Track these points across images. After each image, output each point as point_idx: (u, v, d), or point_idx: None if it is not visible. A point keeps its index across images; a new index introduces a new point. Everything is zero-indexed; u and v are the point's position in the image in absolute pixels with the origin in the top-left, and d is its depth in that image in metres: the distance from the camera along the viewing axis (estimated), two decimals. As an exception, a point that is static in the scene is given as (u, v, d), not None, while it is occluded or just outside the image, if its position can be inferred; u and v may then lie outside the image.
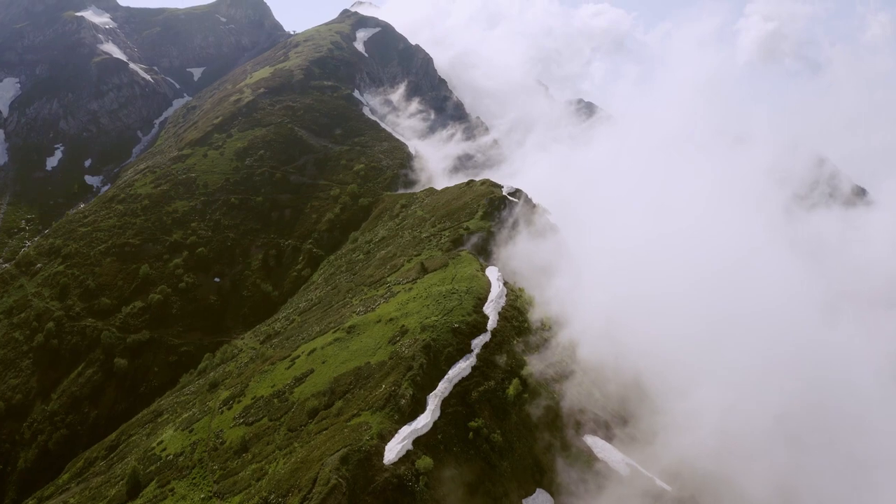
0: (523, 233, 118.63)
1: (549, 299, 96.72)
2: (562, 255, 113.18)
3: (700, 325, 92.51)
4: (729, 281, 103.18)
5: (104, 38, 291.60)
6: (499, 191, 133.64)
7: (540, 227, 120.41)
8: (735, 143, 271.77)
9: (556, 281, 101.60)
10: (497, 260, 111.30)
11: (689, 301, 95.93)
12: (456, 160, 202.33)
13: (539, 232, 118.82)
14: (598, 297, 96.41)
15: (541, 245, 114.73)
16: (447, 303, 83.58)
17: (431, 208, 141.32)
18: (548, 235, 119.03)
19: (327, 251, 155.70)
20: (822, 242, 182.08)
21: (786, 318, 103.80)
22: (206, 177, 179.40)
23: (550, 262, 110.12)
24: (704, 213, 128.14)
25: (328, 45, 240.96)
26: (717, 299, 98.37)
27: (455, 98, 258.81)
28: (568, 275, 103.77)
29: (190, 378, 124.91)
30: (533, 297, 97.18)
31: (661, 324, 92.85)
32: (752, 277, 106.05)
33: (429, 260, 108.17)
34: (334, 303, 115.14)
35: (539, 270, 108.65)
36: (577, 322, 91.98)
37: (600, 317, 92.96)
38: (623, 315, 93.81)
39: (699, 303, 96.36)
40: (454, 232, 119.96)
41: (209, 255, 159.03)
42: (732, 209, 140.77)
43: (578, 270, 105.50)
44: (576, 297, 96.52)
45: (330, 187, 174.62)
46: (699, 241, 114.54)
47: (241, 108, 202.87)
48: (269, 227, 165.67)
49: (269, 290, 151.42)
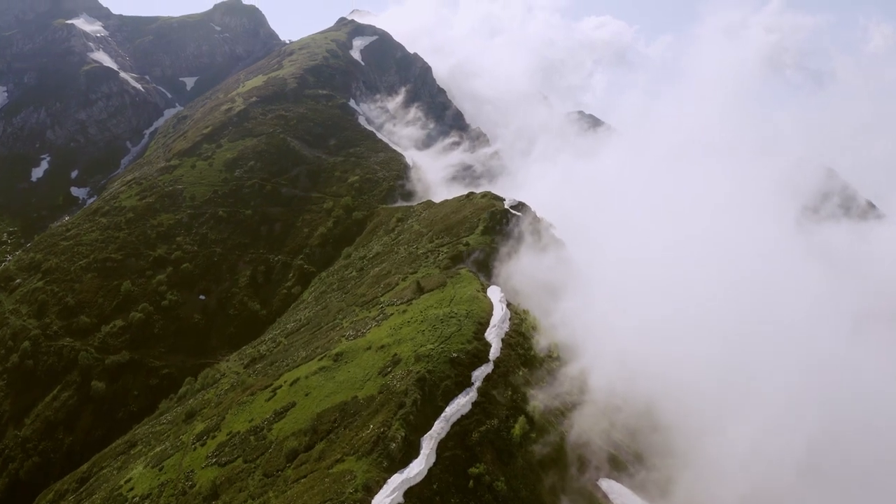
0: (527, 249, 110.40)
1: (556, 322, 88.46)
2: (569, 273, 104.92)
3: (720, 347, 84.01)
4: (749, 299, 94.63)
5: (95, 46, 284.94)
6: (501, 204, 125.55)
7: (545, 243, 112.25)
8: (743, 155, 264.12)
9: (564, 302, 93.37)
10: (499, 278, 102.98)
11: (707, 321, 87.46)
12: (455, 171, 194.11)
13: (544, 248, 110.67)
14: (610, 319, 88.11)
15: (546, 262, 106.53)
16: (445, 328, 75.18)
17: (429, 222, 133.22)
18: (554, 252, 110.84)
19: (319, 267, 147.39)
20: (837, 256, 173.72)
21: (810, 336, 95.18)
22: (193, 189, 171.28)
23: (557, 281, 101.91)
24: (718, 227, 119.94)
25: (323, 54, 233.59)
26: (738, 319, 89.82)
27: (454, 108, 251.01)
28: (576, 295, 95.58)
29: (169, 404, 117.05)
30: (538, 320, 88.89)
31: (679, 347, 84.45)
32: (772, 294, 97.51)
33: (425, 279, 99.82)
34: (323, 324, 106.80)
35: (545, 290, 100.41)
36: (588, 348, 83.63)
37: (612, 341, 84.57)
38: (637, 338, 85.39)
39: (718, 323, 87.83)
40: (453, 248, 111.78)
41: (194, 272, 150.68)
42: (746, 222, 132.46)
43: (588, 290, 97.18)
44: (586, 320, 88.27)
45: (323, 200, 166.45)
46: (715, 257, 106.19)
47: (232, 118, 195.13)
48: (258, 241, 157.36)
49: (257, 309, 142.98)
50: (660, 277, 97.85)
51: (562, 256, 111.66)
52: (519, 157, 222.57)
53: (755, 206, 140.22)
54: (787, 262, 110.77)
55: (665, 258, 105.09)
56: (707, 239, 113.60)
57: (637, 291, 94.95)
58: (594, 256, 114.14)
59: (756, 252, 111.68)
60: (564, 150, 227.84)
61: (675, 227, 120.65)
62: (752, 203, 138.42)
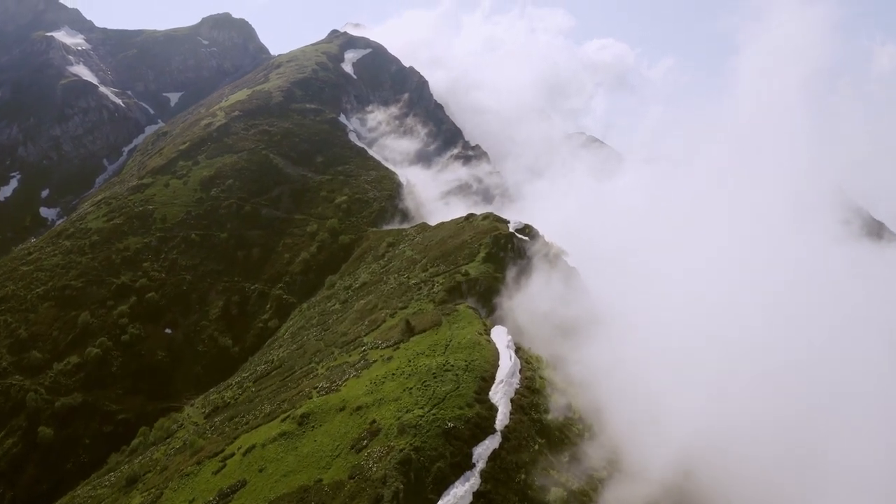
0: (537, 280, 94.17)
1: (576, 374, 71.96)
2: (588, 310, 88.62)
3: (788, 405, 67.32)
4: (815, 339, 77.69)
5: (75, 59, 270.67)
6: (505, 227, 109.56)
7: (557, 273, 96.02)
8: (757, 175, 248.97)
9: (584, 346, 76.91)
10: (505, 316, 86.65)
11: (764, 370, 70.77)
12: (453, 191, 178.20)
13: (557, 278, 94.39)
14: (643, 369, 71.67)
15: (560, 296, 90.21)
16: (438, 386, 58.65)
17: (423, 248, 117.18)
18: (568, 283, 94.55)
19: (300, 298, 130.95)
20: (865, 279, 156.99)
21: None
22: (165, 209, 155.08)
23: (574, 319, 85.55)
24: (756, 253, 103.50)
25: (312, 66, 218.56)
26: (805, 366, 72.92)
27: (453, 124, 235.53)
28: (598, 337, 79.12)
29: (119, 458, 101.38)
30: (554, 369, 72.53)
31: (732, 405, 67.90)
32: (841, 335, 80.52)
33: (417, 316, 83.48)
34: (297, 368, 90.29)
35: (559, 330, 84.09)
36: (617, 406, 67.12)
37: (647, 397, 68.14)
38: (677, 391, 68.92)
39: (780, 373, 71.08)
40: (450, 278, 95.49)
41: (160, 302, 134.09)
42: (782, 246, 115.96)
43: (612, 331, 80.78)
44: (612, 369, 71.78)
45: (307, 222, 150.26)
46: (764, 291, 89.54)
47: (212, 133, 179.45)
48: (233, 268, 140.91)
49: (229, 345, 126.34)
50: (698, 314, 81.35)
51: (577, 288, 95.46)
52: (522, 177, 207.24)
53: (787, 226, 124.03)
54: (847, 295, 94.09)
55: (701, 290, 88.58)
56: (747, 266, 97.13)
57: (671, 331, 78.46)
58: (615, 288, 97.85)
59: (807, 282, 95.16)
60: (570, 170, 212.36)
61: (704, 254, 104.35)
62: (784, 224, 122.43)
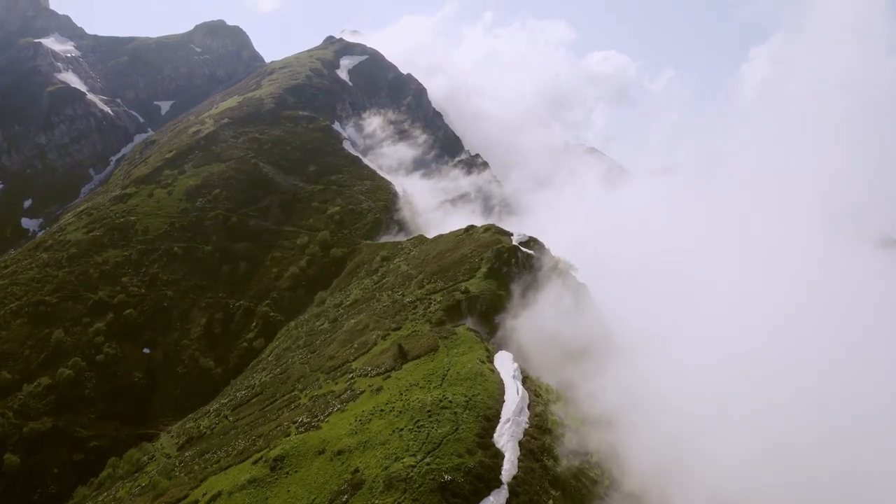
0: (544, 298, 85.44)
1: (590, 407, 63.13)
2: (601, 332, 80.00)
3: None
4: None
5: (63, 66, 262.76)
6: (508, 239, 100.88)
7: (566, 290, 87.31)
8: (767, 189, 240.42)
9: (599, 374, 68.13)
10: (509, 339, 77.89)
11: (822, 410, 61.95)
12: (452, 202, 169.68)
13: (566, 297, 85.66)
14: (667, 404, 62.91)
15: (570, 316, 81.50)
16: (434, 427, 49.86)
17: (420, 262, 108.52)
18: (579, 302, 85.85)
19: (287, 315, 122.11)
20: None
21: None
22: (147, 220, 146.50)
23: (586, 343, 76.89)
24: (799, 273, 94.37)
25: (306, 73, 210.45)
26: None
27: (452, 132, 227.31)
28: (614, 365, 70.37)
29: (87, 491, 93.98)
30: (566, 402, 63.75)
31: (771, 448, 59.07)
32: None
33: (411, 339, 74.76)
34: (278, 396, 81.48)
35: (569, 355, 75.40)
36: (639, 449, 58.26)
37: (671, 437, 59.33)
38: (707, 433, 60.14)
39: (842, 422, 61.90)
40: (448, 296, 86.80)
41: (139, 319, 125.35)
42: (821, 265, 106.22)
43: (630, 357, 72.03)
44: (633, 405, 62.98)
45: (297, 234, 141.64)
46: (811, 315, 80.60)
47: (199, 141, 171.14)
48: (217, 283, 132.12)
49: (210, 367, 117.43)
50: (731, 338, 72.52)
51: (589, 307, 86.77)
52: (524, 187, 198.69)
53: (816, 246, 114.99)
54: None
55: (733, 309, 79.76)
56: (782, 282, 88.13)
57: (699, 356, 69.69)
58: (631, 307, 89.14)
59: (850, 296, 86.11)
60: (574, 180, 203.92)
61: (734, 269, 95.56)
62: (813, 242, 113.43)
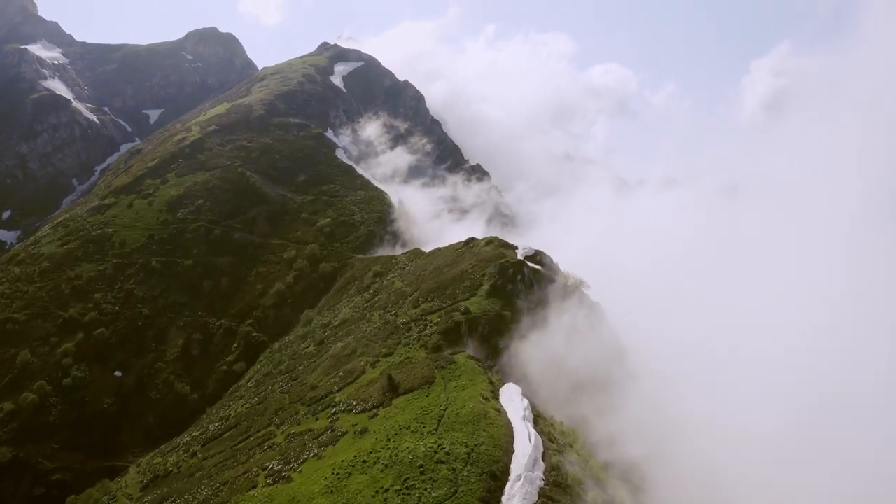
0: (553, 319, 75.93)
1: (613, 453, 53.47)
2: (618, 359, 70.41)
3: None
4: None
5: (50, 73, 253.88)
6: (512, 253, 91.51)
7: (579, 310, 77.80)
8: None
9: (619, 413, 58.47)
10: (514, 366, 68.30)
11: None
12: (450, 213, 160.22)
13: (579, 318, 76.17)
14: (700, 446, 53.30)
15: (583, 340, 71.96)
16: (427, 489, 40.14)
17: (415, 278, 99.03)
18: (592, 323, 76.33)
19: (271, 336, 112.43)
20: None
21: None
22: (125, 232, 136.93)
23: (602, 372, 67.38)
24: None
25: (298, 79, 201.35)
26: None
27: (451, 140, 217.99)
28: (635, 398, 60.79)
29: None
30: (583, 444, 54.13)
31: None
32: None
33: (403, 368, 65.22)
34: (252, 431, 71.84)
35: (583, 386, 65.88)
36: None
37: (708, 489, 49.71)
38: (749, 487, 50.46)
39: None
40: (446, 317, 77.29)
41: (111, 339, 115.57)
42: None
43: (653, 390, 62.39)
44: (659, 450, 53.32)
45: (284, 248, 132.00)
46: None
47: (184, 149, 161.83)
48: (197, 300, 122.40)
49: (187, 392, 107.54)
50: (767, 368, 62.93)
51: (604, 330, 77.22)
52: (527, 198, 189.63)
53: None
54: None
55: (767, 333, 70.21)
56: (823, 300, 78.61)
57: (733, 389, 60.09)
58: (650, 330, 79.53)
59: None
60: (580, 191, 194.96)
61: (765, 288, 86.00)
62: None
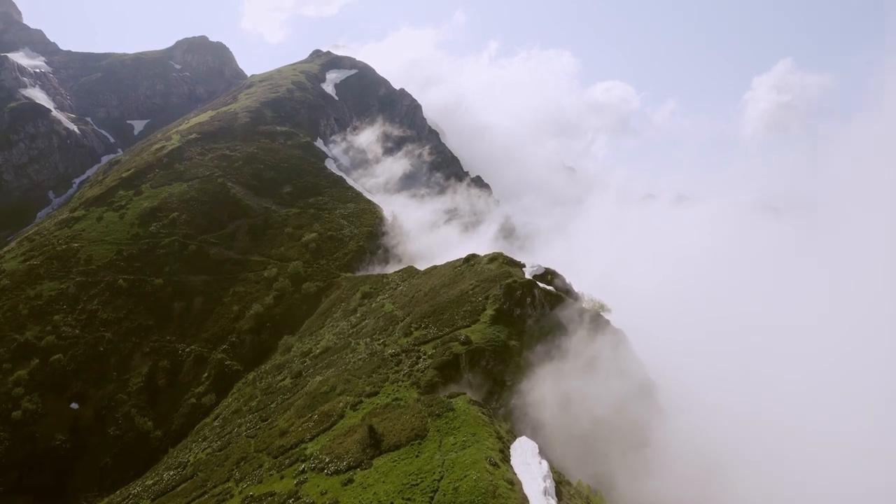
0: (571, 351, 63.61)
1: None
2: (651, 404, 58.04)
3: None
4: None
5: (31, 81, 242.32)
6: (519, 272, 79.33)
7: (602, 341, 65.47)
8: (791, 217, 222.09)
9: (659, 481, 46.09)
10: (528, 413, 55.93)
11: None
12: (448, 227, 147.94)
13: (601, 349, 63.84)
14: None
15: (607, 377, 59.65)
16: None
17: (408, 300, 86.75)
18: (617, 357, 63.96)
19: (246, 364, 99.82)
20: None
21: None
22: (92, 248, 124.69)
23: (632, 419, 55.04)
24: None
25: (288, 86, 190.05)
26: None
27: (449, 151, 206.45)
28: (679, 459, 48.40)
29: None
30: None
31: None
32: None
33: (389, 414, 52.84)
34: (209, 486, 59.22)
35: (609, 436, 53.56)
36: None
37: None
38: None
39: None
40: (443, 348, 64.95)
41: (68, 367, 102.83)
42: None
43: (696, 444, 50.06)
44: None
45: (265, 265, 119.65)
46: None
47: (162, 158, 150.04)
48: (166, 323, 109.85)
49: (149, 428, 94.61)
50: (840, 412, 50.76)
51: (632, 364, 64.86)
52: (531, 211, 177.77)
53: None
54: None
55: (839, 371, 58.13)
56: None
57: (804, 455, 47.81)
58: (685, 363, 67.15)
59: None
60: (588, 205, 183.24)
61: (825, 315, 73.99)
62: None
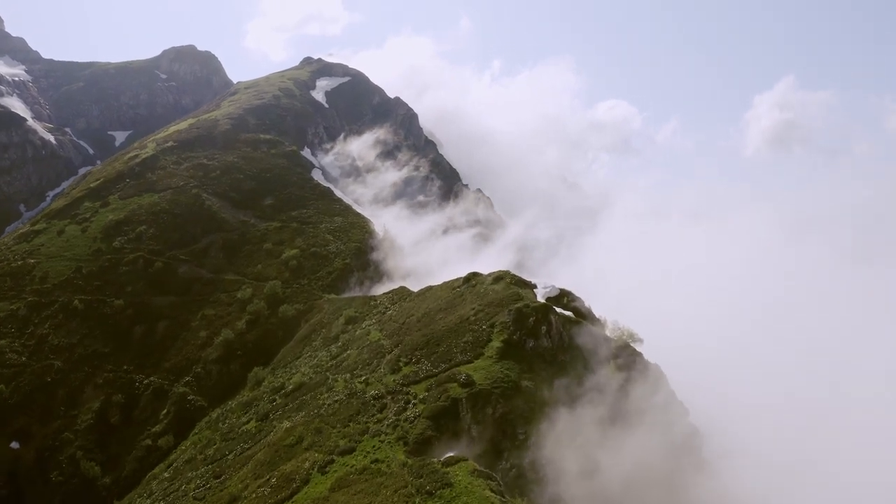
0: (598, 391, 50.68)
1: None
2: (698, 460, 45.05)
3: None
4: None
5: (8, 90, 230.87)
6: (530, 294, 66.41)
7: (635, 379, 52.54)
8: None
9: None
10: (548, 478, 42.91)
11: None
12: (445, 243, 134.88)
13: (635, 389, 50.93)
14: None
15: (646, 422, 46.75)
16: None
17: (398, 327, 73.67)
18: (656, 398, 51.01)
19: (212, 400, 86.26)
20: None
21: None
22: (49, 264, 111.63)
23: (677, 481, 42.07)
24: None
25: (274, 92, 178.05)
26: None
27: (446, 162, 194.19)
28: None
29: None
30: None
31: None
32: None
33: (363, 487, 39.82)
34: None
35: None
36: None
37: None
38: None
39: None
40: (438, 390, 51.97)
41: (10, 399, 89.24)
42: None
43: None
44: None
45: (239, 285, 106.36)
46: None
47: (133, 168, 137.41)
48: (124, 351, 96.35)
49: (97, 475, 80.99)
50: None
51: (670, 405, 51.93)
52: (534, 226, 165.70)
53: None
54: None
55: None
56: None
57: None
58: (731, 406, 54.26)
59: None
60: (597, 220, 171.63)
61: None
62: None
